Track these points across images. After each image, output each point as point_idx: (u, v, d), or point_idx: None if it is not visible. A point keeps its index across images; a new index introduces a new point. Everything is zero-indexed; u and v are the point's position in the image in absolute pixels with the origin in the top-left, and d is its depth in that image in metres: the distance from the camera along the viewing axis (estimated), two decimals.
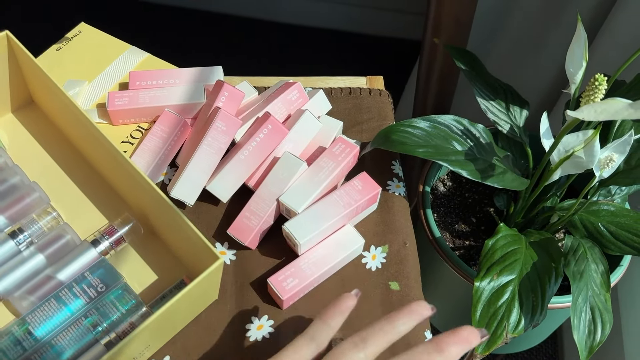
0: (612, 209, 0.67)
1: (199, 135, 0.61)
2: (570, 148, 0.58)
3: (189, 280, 0.55)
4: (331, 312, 0.44)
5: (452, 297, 0.87)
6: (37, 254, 0.55)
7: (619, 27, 0.87)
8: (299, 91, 0.65)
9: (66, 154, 0.63)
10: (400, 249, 0.61)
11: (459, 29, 0.86)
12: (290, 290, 0.55)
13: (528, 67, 1.08)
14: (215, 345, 0.55)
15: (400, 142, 0.62)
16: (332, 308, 0.45)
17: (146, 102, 0.64)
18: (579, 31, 0.56)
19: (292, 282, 0.55)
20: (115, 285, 0.54)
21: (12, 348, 0.50)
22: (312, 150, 0.64)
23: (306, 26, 1.71)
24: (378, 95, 0.72)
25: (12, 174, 0.57)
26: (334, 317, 0.44)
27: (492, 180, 0.62)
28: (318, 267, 0.57)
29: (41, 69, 0.55)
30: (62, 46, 0.71)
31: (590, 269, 0.61)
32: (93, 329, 0.52)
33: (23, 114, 0.65)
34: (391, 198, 0.64)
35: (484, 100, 0.71)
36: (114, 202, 0.60)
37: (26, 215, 0.56)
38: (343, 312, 0.44)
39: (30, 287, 0.53)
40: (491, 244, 0.62)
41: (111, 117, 0.65)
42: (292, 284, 0.55)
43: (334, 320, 0.44)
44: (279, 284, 0.55)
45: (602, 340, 0.58)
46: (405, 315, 0.43)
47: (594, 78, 0.53)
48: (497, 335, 0.57)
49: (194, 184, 0.59)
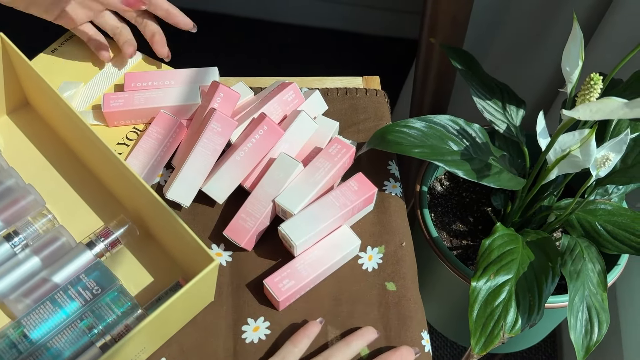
0: (609, 208, 0.66)
1: (195, 137, 0.61)
2: (567, 147, 0.58)
3: (185, 282, 0.55)
4: (300, 337, 0.54)
5: (449, 297, 0.87)
6: (32, 257, 0.54)
7: (615, 27, 0.87)
8: (294, 92, 0.65)
9: (61, 156, 0.63)
10: (397, 249, 0.61)
11: (456, 28, 0.86)
12: (286, 291, 0.55)
13: (524, 66, 1.08)
14: (211, 346, 0.55)
15: (396, 142, 0.62)
16: (301, 333, 0.54)
17: (141, 103, 0.64)
18: (575, 30, 0.56)
19: (288, 284, 0.55)
20: (111, 288, 0.54)
21: (8, 351, 0.50)
22: (308, 151, 0.64)
23: (305, 26, 1.71)
24: (374, 95, 0.72)
25: (7, 177, 0.57)
26: (302, 341, 0.54)
27: (488, 180, 0.62)
28: (314, 268, 0.57)
29: (35, 72, 0.55)
30: (57, 47, 0.71)
31: (587, 268, 0.61)
32: (89, 331, 0.52)
33: (18, 116, 0.65)
34: (387, 198, 0.64)
35: (481, 100, 0.71)
36: (109, 204, 0.60)
37: (21, 217, 0.56)
38: (309, 337, 0.54)
39: (25, 290, 0.53)
40: (488, 244, 0.61)
41: (106, 118, 0.65)
42: (288, 285, 0.55)
43: (302, 343, 0.53)
44: (275, 285, 0.55)
45: (599, 340, 0.58)
46: (358, 339, 0.54)
47: (589, 77, 0.53)
48: (494, 335, 0.57)
49: (190, 186, 0.59)
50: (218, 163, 0.61)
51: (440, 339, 1.25)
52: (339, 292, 0.58)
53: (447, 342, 1.25)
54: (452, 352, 1.25)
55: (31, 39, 0.79)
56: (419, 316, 0.58)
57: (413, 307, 0.58)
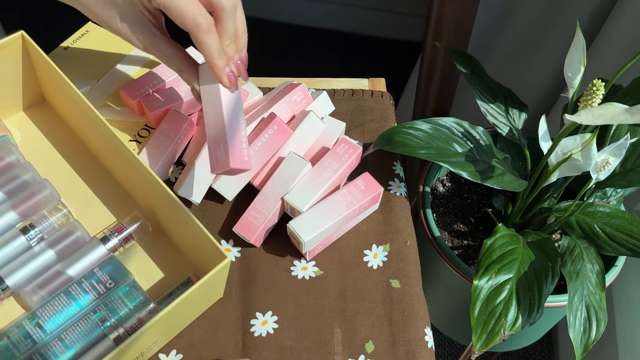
0: (608, 211, 0.68)
1: (205, 134, 0.62)
2: (568, 151, 0.60)
3: (196, 279, 0.56)
4: None
5: (449, 295, 0.88)
6: (47, 250, 0.56)
7: (617, 32, 0.88)
8: (303, 92, 0.66)
9: (76, 152, 0.64)
10: (401, 247, 0.63)
11: (460, 33, 0.88)
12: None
13: (526, 70, 1.09)
14: (221, 339, 0.56)
15: (402, 143, 0.64)
16: None
17: (183, 96, 0.66)
18: (578, 37, 0.57)
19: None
20: (124, 282, 0.55)
21: (23, 341, 0.51)
22: (315, 151, 0.65)
23: (310, 27, 1.72)
24: (380, 97, 0.74)
25: (24, 171, 0.58)
26: None
27: (491, 182, 0.64)
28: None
29: (56, 69, 0.56)
30: (70, 45, 0.72)
31: (586, 268, 0.62)
32: (101, 324, 0.53)
33: (35, 112, 0.66)
34: (392, 198, 0.66)
35: (484, 103, 0.72)
36: (122, 200, 0.61)
37: (37, 211, 0.57)
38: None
39: (40, 282, 0.54)
40: (490, 244, 0.63)
41: (152, 120, 0.65)
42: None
43: None
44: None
45: (596, 338, 0.59)
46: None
47: (592, 83, 0.54)
48: (495, 333, 0.58)
49: (201, 183, 0.61)
50: None
51: (439, 337, 1.27)
52: (344, 289, 0.60)
53: (445, 340, 1.27)
54: (450, 350, 1.26)
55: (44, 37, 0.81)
56: (423, 313, 0.59)
57: (417, 304, 0.59)
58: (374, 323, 0.58)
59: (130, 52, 0.72)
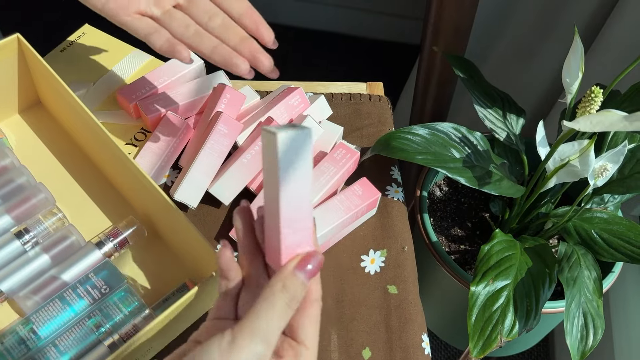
0: (605, 217, 0.68)
1: (202, 138, 0.62)
2: (566, 157, 0.59)
3: (192, 284, 0.56)
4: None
5: (447, 299, 0.88)
6: (42, 254, 0.55)
7: (614, 37, 0.88)
8: (300, 96, 0.66)
9: (72, 155, 0.63)
10: (399, 253, 0.62)
11: (458, 37, 0.87)
12: None
13: (524, 75, 1.09)
14: None
15: (400, 148, 0.63)
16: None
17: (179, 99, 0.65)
18: (576, 43, 0.57)
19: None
20: (119, 287, 0.54)
21: (16, 347, 0.51)
22: (313, 155, 0.65)
23: (307, 29, 1.72)
24: (378, 101, 0.74)
25: (19, 175, 0.58)
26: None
27: (489, 188, 0.63)
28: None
29: (51, 72, 0.56)
30: (66, 47, 0.72)
31: (584, 275, 0.62)
32: (96, 329, 0.52)
33: (30, 115, 0.66)
34: (390, 203, 0.66)
35: (482, 108, 0.72)
36: (118, 204, 0.61)
37: (32, 215, 0.57)
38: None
39: (34, 287, 0.54)
40: (487, 250, 0.63)
41: (149, 124, 0.65)
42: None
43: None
44: None
45: (594, 345, 0.59)
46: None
47: (590, 90, 0.54)
48: (492, 339, 0.58)
49: (197, 187, 0.60)
50: (225, 165, 0.62)
51: (436, 341, 1.26)
52: (341, 294, 0.59)
53: (442, 345, 1.27)
54: (447, 355, 1.26)
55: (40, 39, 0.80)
56: (420, 319, 0.59)
57: (414, 310, 0.59)
58: (371, 329, 0.57)
59: (127, 55, 0.72)
